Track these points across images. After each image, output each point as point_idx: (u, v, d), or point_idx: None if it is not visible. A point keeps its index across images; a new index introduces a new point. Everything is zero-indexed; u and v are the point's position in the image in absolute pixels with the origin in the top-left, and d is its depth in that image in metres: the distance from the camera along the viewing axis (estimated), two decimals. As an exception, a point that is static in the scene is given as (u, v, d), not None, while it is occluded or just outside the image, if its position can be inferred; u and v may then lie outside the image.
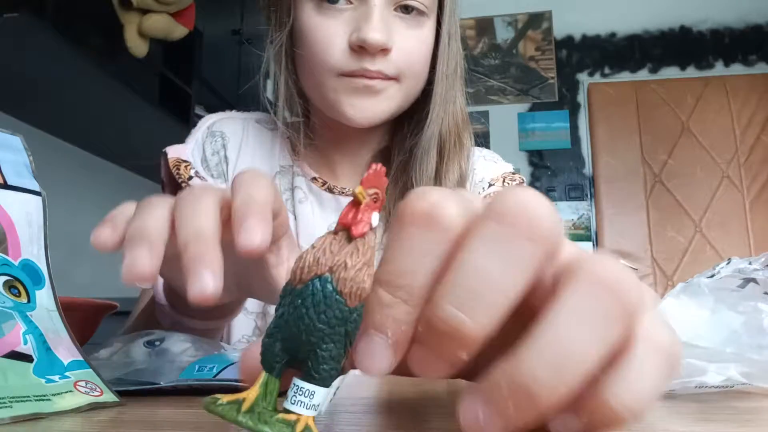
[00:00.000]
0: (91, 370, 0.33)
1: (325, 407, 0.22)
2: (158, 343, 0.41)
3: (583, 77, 2.86)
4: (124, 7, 1.67)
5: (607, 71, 2.85)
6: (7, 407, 0.27)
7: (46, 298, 0.33)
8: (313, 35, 0.59)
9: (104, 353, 0.41)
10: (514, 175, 0.72)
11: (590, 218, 2.76)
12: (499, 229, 0.18)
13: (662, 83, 2.74)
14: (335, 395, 0.24)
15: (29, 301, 0.32)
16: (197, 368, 0.36)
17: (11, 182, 0.34)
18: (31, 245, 0.34)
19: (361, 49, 0.56)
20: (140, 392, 0.35)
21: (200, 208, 0.27)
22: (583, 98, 2.85)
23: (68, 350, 0.33)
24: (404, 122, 0.66)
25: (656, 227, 2.62)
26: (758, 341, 0.31)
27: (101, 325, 0.52)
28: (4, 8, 1.33)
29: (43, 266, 0.34)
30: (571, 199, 2.79)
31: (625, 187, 2.68)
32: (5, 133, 0.35)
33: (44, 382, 0.30)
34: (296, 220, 0.67)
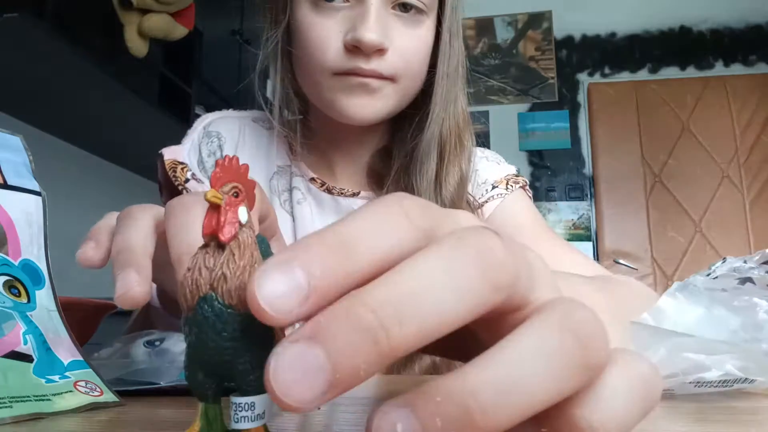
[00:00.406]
0: (91, 370, 0.33)
1: (277, 406, 0.22)
2: (158, 343, 0.41)
3: (583, 77, 2.87)
4: (124, 7, 1.67)
5: (607, 71, 2.85)
6: (7, 407, 0.27)
7: (46, 298, 0.33)
8: (308, 34, 0.58)
9: (104, 353, 0.41)
10: (517, 177, 0.71)
11: (590, 218, 2.76)
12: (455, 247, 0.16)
13: (662, 83, 2.74)
14: None
15: (29, 301, 0.32)
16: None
17: (11, 182, 0.34)
18: (31, 245, 0.34)
19: (355, 49, 0.56)
20: (140, 392, 0.35)
21: (190, 220, 0.28)
22: (583, 98, 2.85)
23: (68, 350, 0.33)
24: (404, 122, 0.66)
25: (656, 227, 2.62)
26: (755, 336, 0.31)
27: (101, 325, 0.52)
28: (4, 8, 1.33)
29: (43, 266, 0.34)
30: (571, 199, 2.80)
31: (625, 187, 2.68)
32: (5, 133, 0.35)
33: (44, 382, 0.30)
34: (294, 221, 0.66)
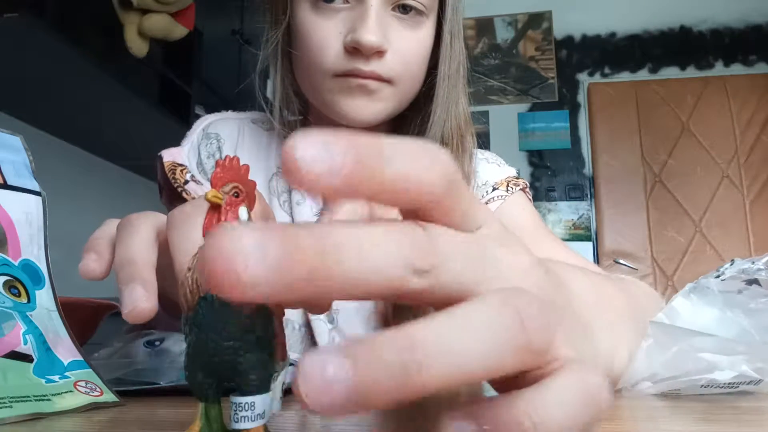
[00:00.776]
0: (91, 370, 0.33)
1: (277, 406, 0.22)
2: (158, 343, 0.41)
3: (583, 77, 2.86)
4: (124, 7, 1.67)
5: (607, 71, 2.84)
6: (7, 407, 0.27)
7: (46, 298, 0.33)
8: (308, 35, 0.58)
9: (104, 353, 0.41)
10: (517, 179, 0.71)
11: (590, 218, 2.76)
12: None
13: (662, 83, 2.74)
14: (286, 387, 0.24)
15: (29, 301, 0.32)
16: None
17: (11, 182, 0.34)
18: (31, 245, 0.33)
19: (355, 50, 0.55)
20: (140, 392, 0.35)
21: (192, 230, 0.28)
22: (583, 98, 2.85)
23: (68, 350, 0.33)
24: (406, 124, 0.65)
25: (656, 227, 2.62)
26: (766, 338, 0.31)
27: (101, 325, 0.52)
28: (4, 8, 1.33)
29: (43, 266, 0.34)
30: (571, 199, 2.79)
31: (625, 187, 2.68)
32: (5, 133, 0.35)
33: (44, 382, 0.30)
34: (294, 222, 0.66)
